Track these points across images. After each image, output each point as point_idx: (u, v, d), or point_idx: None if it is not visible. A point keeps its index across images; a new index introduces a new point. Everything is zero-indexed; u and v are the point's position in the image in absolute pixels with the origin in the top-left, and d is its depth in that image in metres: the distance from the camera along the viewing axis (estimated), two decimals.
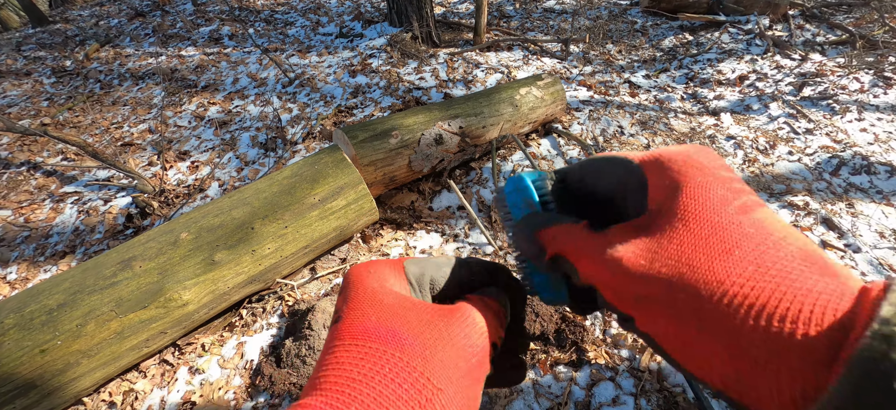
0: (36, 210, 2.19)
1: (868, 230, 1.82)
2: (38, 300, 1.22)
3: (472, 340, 0.24)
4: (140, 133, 2.74)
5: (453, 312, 0.25)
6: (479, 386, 0.24)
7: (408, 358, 0.21)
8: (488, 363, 0.25)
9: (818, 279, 0.17)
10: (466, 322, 0.25)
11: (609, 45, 3.58)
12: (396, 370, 0.21)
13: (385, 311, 0.24)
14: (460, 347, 0.23)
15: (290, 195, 1.50)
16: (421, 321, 0.24)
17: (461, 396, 0.22)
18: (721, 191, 0.22)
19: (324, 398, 0.19)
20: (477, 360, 0.24)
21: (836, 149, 2.26)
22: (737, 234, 0.19)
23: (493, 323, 0.27)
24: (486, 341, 0.25)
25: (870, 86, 2.68)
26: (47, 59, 3.85)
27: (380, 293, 0.25)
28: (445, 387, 0.21)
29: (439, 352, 0.22)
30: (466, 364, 0.23)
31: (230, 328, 1.54)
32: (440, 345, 0.23)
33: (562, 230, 0.27)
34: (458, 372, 0.22)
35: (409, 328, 0.23)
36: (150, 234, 1.39)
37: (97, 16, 4.83)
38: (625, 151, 0.28)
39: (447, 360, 0.22)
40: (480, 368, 0.24)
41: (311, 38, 3.85)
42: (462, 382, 0.22)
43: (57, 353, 1.18)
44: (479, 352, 0.24)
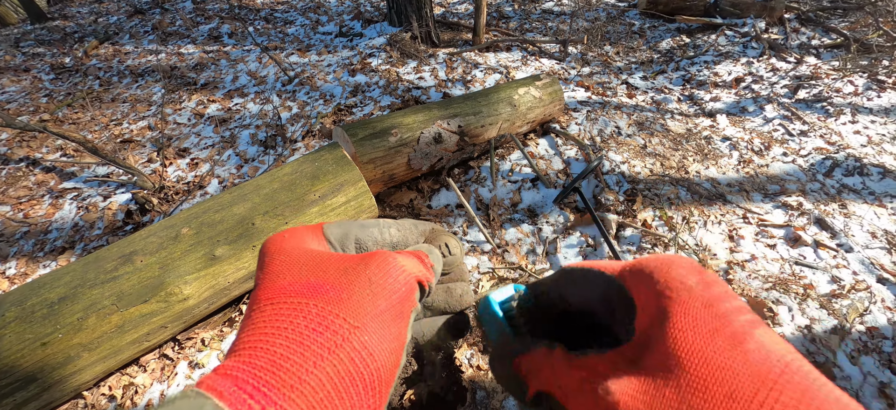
0: (35, 206, 2.19)
1: (860, 230, 1.85)
2: (40, 293, 1.23)
3: (393, 278, 0.24)
4: (139, 130, 2.74)
5: (371, 256, 0.25)
6: (402, 322, 0.24)
7: (323, 304, 0.22)
8: (414, 299, 0.26)
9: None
10: (385, 262, 0.25)
11: (607, 46, 3.61)
12: (310, 316, 0.21)
13: (301, 268, 0.24)
14: (379, 286, 0.23)
15: (290, 191, 1.51)
16: (337, 269, 0.24)
17: (382, 331, 0.22)
18: (712, 317, 0.19)
19: (238, 358, 0.19)
20: (398, 297, 0.24)
21: (829, 151, 2.29)
22: (738, 375, 0.17)
23: (418, 267, 0.27)
24: (407, 278, 0.25)
25: (864, 90, 2.72)
26: (46, 55, 3.84)
27: (295, 252, 0.25)
28: (363, 324, 0.21)
29: (356, 294, 0.22)
30: (387, 301, 0.23)
31: (230, 323, 1.55)
32: (357, 287, 0.23)
33: (539, 359, 0.25)
34: (377, 309, 0.23)
35: (325, 277, 0.23)
36: (151, 229, 1.40)
37: (96, 12, 4.82)
38: (601, 263, 0.25)
39: (364, 300, 0.22)
40: (403, 303, 0.24)
41: (311, 36, 3.86)
42: (382, 318, 0.23)
43: (58, 346, 1.19)
44: (400, 289, 0.24)
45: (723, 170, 2.22)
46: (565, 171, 2.18)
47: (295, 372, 0.19)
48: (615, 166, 2.20)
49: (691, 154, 2.34)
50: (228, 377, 0.18)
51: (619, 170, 2.18)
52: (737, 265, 1.71)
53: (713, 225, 1.89)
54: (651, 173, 2.17)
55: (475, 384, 1.36)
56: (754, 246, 1.79)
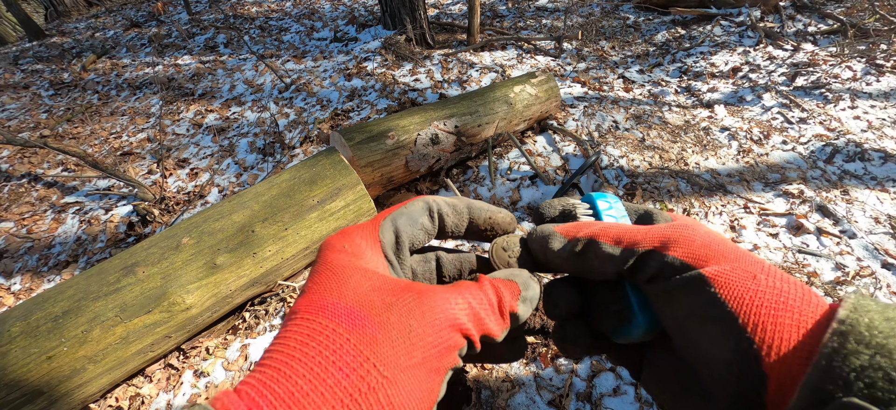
0: (38, 221, 2.21)
1: (863, 216, 1.84)
2: (44, 307, 1.23)
3: (436, 329, 0.22)
4: (139, 142, 2.76)
5: (423, 295, 0.23)
6: (437, 377, 0.22)
7: (356, 341, 0.20)
8: (455, 357, 0.23)
9: (806, 300, 0.21)
10: (433, 307, 0.23)
11: (602, 41, 3.61)
12: (341, 352, 0.20)
13: (346, 288, 0.23)
14: (418, 335, 0.22)
15: (289, 197, 1.52)
16: (383, 303, 0.22)
17: (413, 388, 0.20)
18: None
19: (259, 375, 0.19)
20: (438, 351, 0.22)
21: (829, 138, 2.28)
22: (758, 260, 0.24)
23: (476, 316, 0.24)
24: (452, 332, 0.23)
25: (862, 75, 2.71)
26: (45, 71, 3.87)
27: (346, 268, 0.24)
28: (393, 376, 0.20)
29: (392, 339, 0.21)
30: (423, 353, 0.21)
31: (234, 331, 1.55)
32: (395, 331, 0.21)
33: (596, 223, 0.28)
34: (412, 362, 0.21)
35: (366, 308, 0.22)
36: (153, 240, 1.41)
37: (93, 28, 4.85)
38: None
39: (401, 350, 0.21)
40: (441, 359, 0.22)
41: (306, 43, 3.87)
42: (415, 372, 0.21)
43: (63, 359, 1.20)
44: (441, 343, 0.22)
45: (722, 161, 2.21)
46: (564, 168, 2.17)
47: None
48: (614, 160, 2.20)
49: (690, 145, 2.34)
50: (243, 398, 0.18)
51: (618, 164, 2.17)
52: None
53: (714, 216, 1.88)
54: (650, 166, 2.17)
55: (480, 383, 1.36)
56: (756, 236, 1.78)
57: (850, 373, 0.17)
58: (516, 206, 1.98)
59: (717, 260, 0.24)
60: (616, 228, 0.27)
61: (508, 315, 0.26)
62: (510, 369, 1.38)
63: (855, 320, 0.18)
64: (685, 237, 0.25)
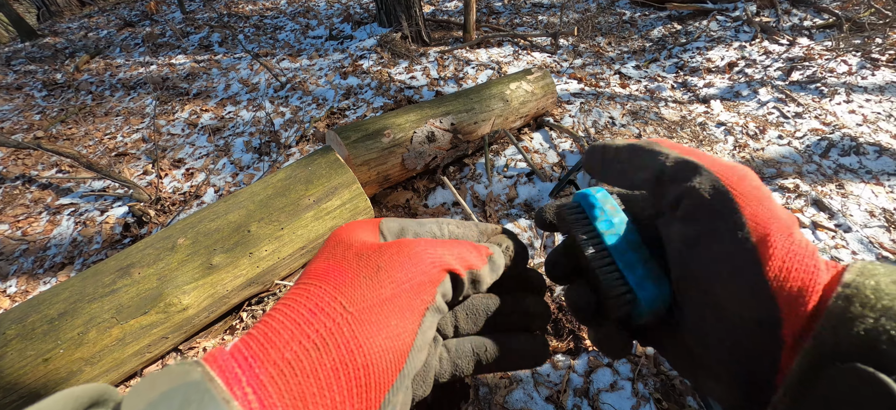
0: (33, 223, 2.19)
1: (858, 210, 1.85)
2: (39, 310, 1.23)
3: (408, 264, 0.23)
4: (134, 142, 2.74)
5: (394, 244, 0.25)
6: (410, 314, 0.22)
7: (326, 287, 0.22)
8: (433, 293, 0.23)
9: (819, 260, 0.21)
10: (405, 247, 0.24)
11: (598, 37, 3.61)
12: (311, 297, 0.21)
13: (332, 252, 0.24)
14: (386, 271, 0.22)
15: (284, 197, 1.51)
16: (356, 253, 0.24)
17: (379, 322, 0.21)
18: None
19: (247, 334, 0.20)
20: (411, 286, 0.22)
21: (825, 132, 2.29)
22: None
23: (457, 255, 0.25)
24: (430, 269, 0.24)
25: (857, 69, 2.72)
26: (38, 72, 3.83)
27: (338, 240, 0.26)
28: (359, 310, 0.21)
29: (360, 278, 0.22)
30: (393, 289, 0.22)
31: (231, 331, 1.55)
32: (363, 273, 0.22)
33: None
34: (379, 298, 0.21)
35: (340, 262, 0.23)
36: (148, 241, 1.40)
37: (86, 27, 4.81)
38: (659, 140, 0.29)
39: (367, 286, 0.22)
40: (416, 295, 0.23)
41: (302, 41, 3.85)
42: (382, 308, 0.21)
43: (60, 362, 1.19)
44: (414, 279, 0.23)
45: (718, 156, 2.21)
46: (560, 164, 2.18)
47: (280, 348, 0.19)
48: None
49: (686, 141, 2.34)
50: (232, 348, 0.20)
51: None
52: None
53: None
54: None
55: (477, 380, 1.36)
56: None
57: (853, 337, 0.17)
58: (513, 203, 1.98)
59: (757, 201, 0.24)
60: (672, 142, 0.28)
61: (486, 257, 0.27)
62: None
63: (860, 283, 0.18)
64: (720, 165, 0.25)
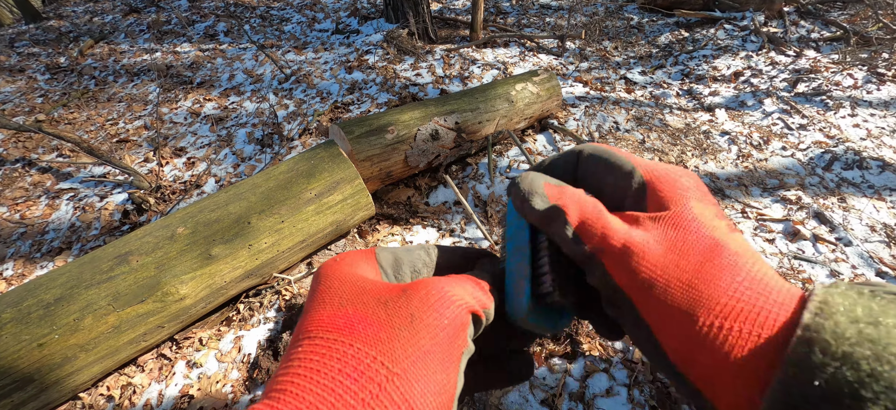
0: (31, 207, 2.19)
1: (859, 224, 1.84)
2: (36, 294, 1.22)
3: (438, 311, 0.22)
4: (135, 129, 2.73)
5: (415, 287, 0.23)
6: (451, 365, 0.21)
7: (359, 344, 0.20)
8: (465, 337, 0.23)
9: (770, 294, 0.20)
10: (431, 295, 0.22)
11: (605, 41, 3.59)
12: (345, 360, 0.19)
13: (343, 298, 0.22)
14: (422, 322, 0.21)
15: (286, 190, 1.50)
16: (378, 301, 0.22)
17: (426, 377, 0.19)
18: (712, 209, 0.25)
19: (269, 403, 0.18)
20: (446, 335, 0.21)
21: (829, 145, 2.28)
22: (731, 252, 0.22)
23: (472, 294, 0.24)
24: (459, 313, 0.23)
25: (863, 83, 2.71)
26: (41, 55, 3.82)
27: (342, 281, 0.24)
28: (404, 370, 0.19)
29: (397, 332, 0.20)
30: (431, 341, 0.21)
31: (228, 322, 1.54)
32: (397, 324, 0.21)
33: (578, 194, 0.27)
34: (420, 351, 0.20)
35: (363, 311, 0.21)
36: (147, 229, 1.39)
37: (91, 12, 4.79)
38: (619, 150, 0.29)
39: (406, 340, 0.20)
40: (452, 343, 0.22)
41: (308, 34, 3.84)
42: (426, 361, 0.20)
43: (54, 347, 1.18)
44: (448, 327, 0.22)
45: (722, 165, 2.21)
46: None
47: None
48: None
49: (690, 149, 2.33)
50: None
51: None
52: None
53: None
54: None
55: None
56: (753, 241, 1.78)
57: (815, 391, 0.15)
58: None
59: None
60: (590, 213, 0.26)
61: (489, 292, 0.27)
62: None
63: (819, 325, 0.17)
64: (640, 253, 0.23)
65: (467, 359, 0.23)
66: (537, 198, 0.27)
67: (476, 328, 0.25)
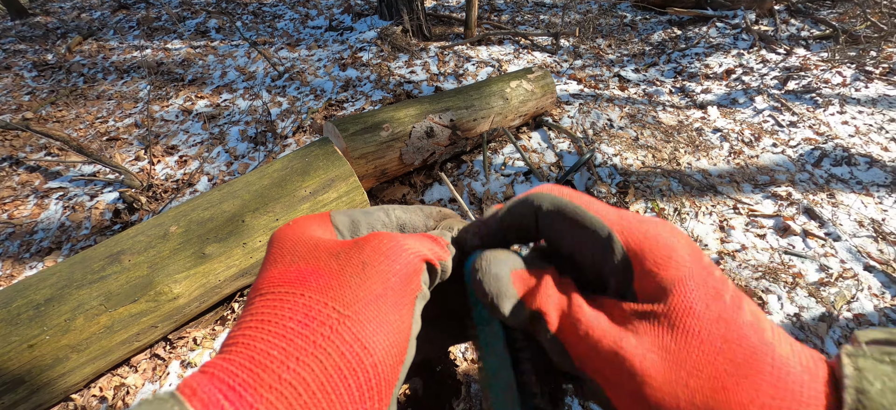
0: (19, 206, 2.15)
1: (848, 219, 1.87)
2: (25, 295, 1.20)
3: (391, 258, 0.22)
4: (126, 127, 2.69)
5: (368, 239, 0.23)
6: (405, 309, 0.21)
7: (310, 293, 0.20)
8: (418, 282, 0.23)
9: (798, 395, 0.18)
10: (382, 241, 0.23)
11: (599, 39, 3.61)
12: (296, 308, 0.19)
13: (295, 255, 0.23)
14: (373, 267, 0.21)
15: (280, 188, 1.49)
16: (329, 253, 0.22)
17: (378, 318, 0.20)
18: (712, 283, 0.21)
19: (222, 356, 0.18)
20: (398, 279, 0.22)
21: (818, 142, 2.32)
22: (749, 350, 0.19)
23: (428, 246, 0.24)
24: (412, 259, 0.23)
25: (852, 80, 2.75)
26: (28, 52, 3.75)
27: (294, 241, 0.24)
28: (355, 312, 0.19)
29: (348, 279, 0.21)
30: (383, 285, 0.21)
31: (222, 321, 1.53)
32: (349, 272, 0.21)
33: (549, 280, 0.23)
34: (372, 295, 0.20)
35: (315, 264, 0.22)
36: (139, 228, 1.38)
37: (79, 8, 4.71)
38: (591, 203, 0.24)
39: (357, 285, 0.20)
40: (405, 287, 0.22)
41: (301, 31, 3.81)
42: (379, 304, 0.20)
43: (45, 348, 1.17)
44: (401, 271, 0.22)
45: (714, 162, 2.23)
46: (558, 164, 2.18)
47: (274, 370, 0.17)
48: (607, 158, 2.20)
49: (683, 146, 2.36)
50: (206, 374, 0.17)
51: (612, 162, 2.18)
52: (727, 255, 1.73)
53: (704, 216, 1.91)
54: (643, 165, 2.18)
55: (469, 377, 1.36)
56: (744, 237, 1.81)
57: None
58: None
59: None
60: (566, 312, 0.22)
61: (447, 247, 0.27)
62: None
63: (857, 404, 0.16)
64: (629, 377, 0.20)
65: (423, 304, 0.23)
66: (506, 301, 0.23)
67: (431, 279, 0.25)
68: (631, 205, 1.93)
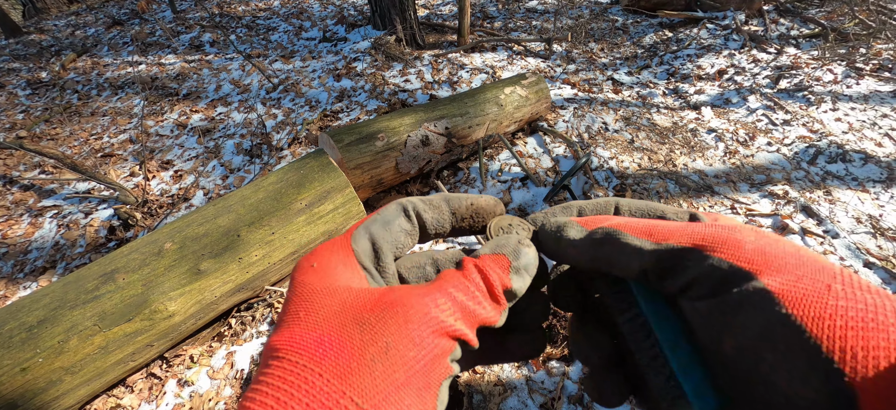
0: (13, 225, 2.13)
1: (845, 216, 1.88)
2: (18, 317, 1.18)
3: (417, 340, 0.20)
4: (120, 143, 2.68)
5: (398, 304, 0.21)
6: (428, 395, 0.20)
7: (329, 375, 0.18)
8: (446, 365, 0.21)
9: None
10: (411, 321, 0.20)
11: (591, 43, 3.64)
12: (314, 392, 0.18)
13: (317, 313, 0.21)
14: (397, 352, 0.19)
15: (276, 201, 1.48)
16: (354, 319, 0.20)
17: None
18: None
19: None
20: (423, 365, 0.20)
21: (812, 139, 2.33)
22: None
23: (463, 308, 0.22)
24: (437, 338, 0.21)
25: (843, 77, 2.77)
26: (22, 70, 3.74)
27: (314, 291, 0.22)
28: (375, 406, 0.18)
29: (367, 364, 0.19)
30: (406, 372, 0.19)
31: (219, 338, 1.51)
32: (370, 355, 0.19)
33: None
34: (394, 385, 0.19)
35: (336, 333, 0.20)
36: (134, 245, 1.36)
37: (73, 25, 4.72)
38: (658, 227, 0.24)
39: (379, 373, 0.19)
40: (429, 373, 0.20)
41: (295, 42, 3.82)
42: (400, 394, 0.19)
43: (38, 371, 1.15)
44: (425, 355, 0.20)
45: (709, 162, 2.24)
46: (554, 169, 2.18)
47: None
48: (604, 162, 2.21)
49: (678, 147, 2.36)
50: None
51: (608, 165, 2.19)
52: None
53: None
54: (639, 167, 2.18)
55: (471, 387, 1.35)
56: None
57: None
58: (508, 208, 1.98)
59: (777, 269, 0.19)
60: (645, 222, 0.23)
61: (502, 294, 0.23)
62: (502, 372, 1.37)
63: None
64: (732, 239, 0.20)
65: (449, 383, 0.21)
66: (572, 229, 0.24)
67: (466, 346, 0.23)
68: None
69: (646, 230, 0.22)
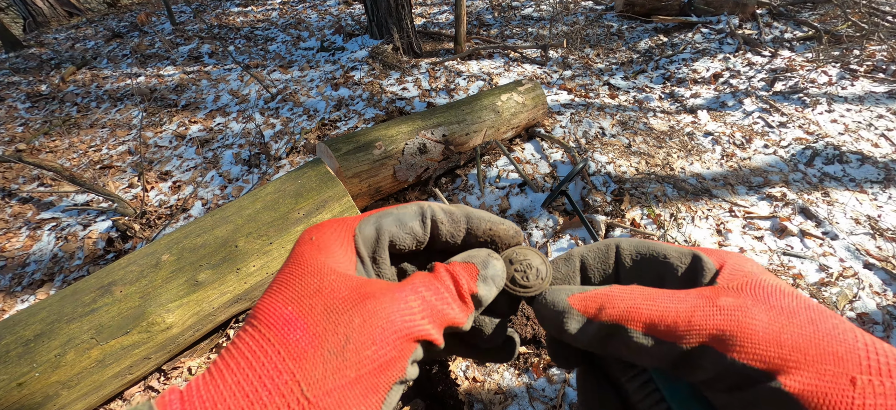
0: (11, 238, 2.13)
1: (844, 217, 1.88)
2: (14, 331, 1.18)
3: (377, 341, 0.20)
4: (119, 155, 2.69)
5: (369, 298, 0.21)
6: (374, 397, 0.20)
7: (286, 354, 0.19)
8: (401, 367, 0.21)
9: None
10: (375, 319, 0.21)
11: (587, 49, 3.66)
12: (270, 367, 0.19)
13: (298, 290, 0.22)
14: (353, 350, 0.20)
15: (273, 211, 1.48)
16: (325, 307, 0.21)
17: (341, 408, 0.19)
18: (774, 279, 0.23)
19: (204, 385, 0.19)
20: (377, 366, 0.20)
21: (809, 141, 2.34)
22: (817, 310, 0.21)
23: (432, 310, 0.22)
24: (398, 344, 0.21)
25: (837, 79, 2.79)
26: (22, 83, 3.76)
27: (303, 265, 0.23)
28: (317, 400, 0.18)
29: (322, 355, 0.19)
30: (358, 370, 0.19)
31: (217, 349, 1.50)
32: (330, 343, 0.20)
33: (614, 291, 0.23)
34: (343, 381, 0.19)
35: (304, 314, 0.21)
36: (131, 257, 1.36)
37: (73, 38, 4.75)
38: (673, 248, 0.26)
39: (332, 366, 0.19)
40: (380, 375, 0.20)
41: (293, 52, 3.84)
42: (345, 393, 0.19)
43: (35, 386, 1.14)
44: (381, 357, 0.20)
45: (707, 165, 2.24)
46: (552, 175, 2.18)
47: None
48: (601, 167, 2.21)
49: (675, 150, 2.37)
50: (187, 388, 0.18)
51: (605, 170, 2.19)
52: None
53: (701, 220, 1.91)
54: (637, 172, 2.19)
55: (472, 397, 1.34)
56: (742, 239, 1.80)
57: None
58: (506, 214, 1.98)
59: (796, 365, 0.19)
60: (648, 309, 0.22)
61: (469, 297, 0.24)
62: (502, 380, 1.37)
63: None
64: (744, 326, 0.20)
65: (401, 390, 0.22)
66: (572, 321, 0.23)
67: (430, 350, 0.23)
68: (627, 213, 1.93)
69: (647, 322, 0.22)
